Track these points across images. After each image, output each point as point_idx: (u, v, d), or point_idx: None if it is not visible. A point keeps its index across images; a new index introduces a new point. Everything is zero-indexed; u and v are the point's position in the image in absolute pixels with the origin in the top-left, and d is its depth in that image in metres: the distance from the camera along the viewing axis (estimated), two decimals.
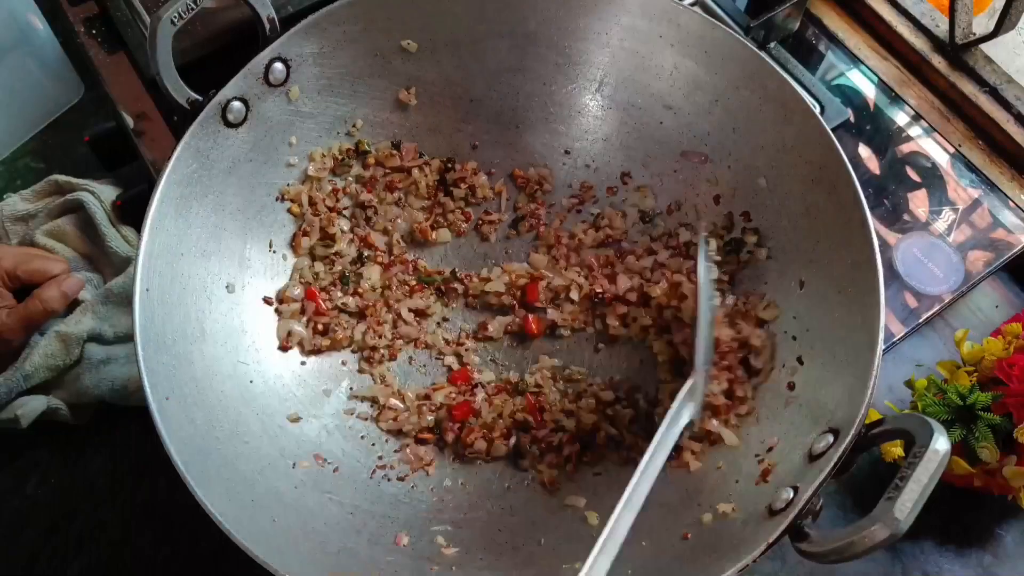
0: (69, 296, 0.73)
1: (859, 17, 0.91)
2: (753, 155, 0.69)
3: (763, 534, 0.51)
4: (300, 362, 0.69)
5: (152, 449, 0.53)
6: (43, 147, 0.92)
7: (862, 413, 0.52)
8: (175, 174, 0.62)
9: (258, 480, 0.59)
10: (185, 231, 0.63)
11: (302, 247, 0.71)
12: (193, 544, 0.71)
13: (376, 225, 0.74)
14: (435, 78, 0.74)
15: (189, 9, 0.60)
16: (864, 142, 0.84)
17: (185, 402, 0.58)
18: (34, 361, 0.71)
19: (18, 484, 0.75)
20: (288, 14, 0.77)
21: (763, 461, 0.58)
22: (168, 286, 0.61)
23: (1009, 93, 0.83)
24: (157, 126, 0.78)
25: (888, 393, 0.76)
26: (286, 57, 0.67)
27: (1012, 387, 0.65)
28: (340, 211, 0.74)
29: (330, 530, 0.59)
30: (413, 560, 0.59)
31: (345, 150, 0.74)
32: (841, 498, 0.73)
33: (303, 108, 0.70)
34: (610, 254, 0.74)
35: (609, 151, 0.76)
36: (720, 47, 0.68)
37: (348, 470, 0.65)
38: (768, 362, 0.65)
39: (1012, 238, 0.79)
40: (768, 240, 0.69)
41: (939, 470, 0.46)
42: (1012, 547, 0.71)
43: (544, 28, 0.72)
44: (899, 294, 0.77)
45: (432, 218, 0.76)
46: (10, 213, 0.81)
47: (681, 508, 0.61)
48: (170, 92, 0.63)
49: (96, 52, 0.81)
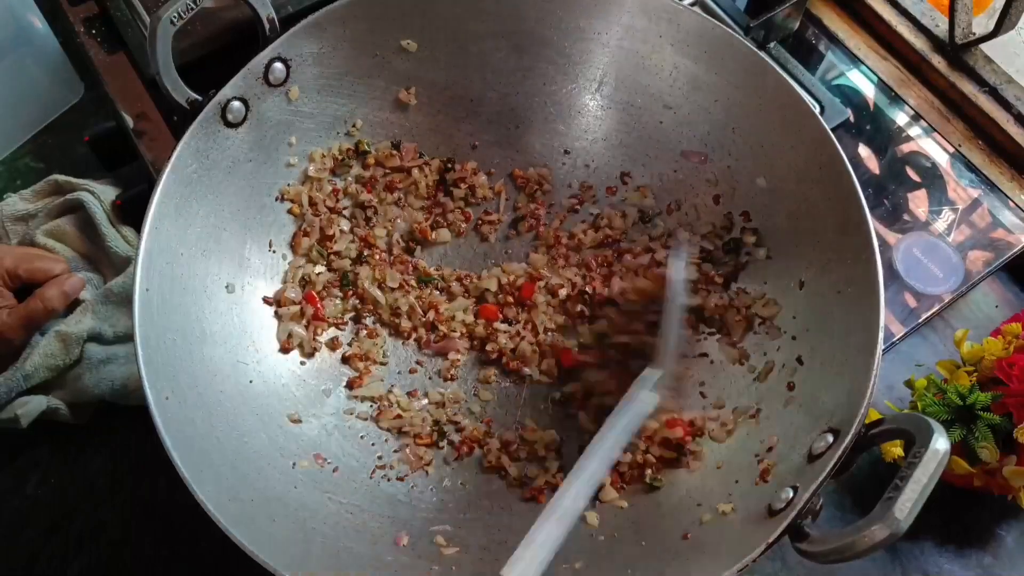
0: (70, 296, 0.73)
1: (859, 17, 0.91)
2: (753, 155, 0.69)
3: (763, 534, 0.51)
4: (300, 362, 0.69)
5: (152, 449, 0.52)
6: (43, 147, 0.92)
7: (862, 413, 0.52)
8: (175, 174, 0.62)
9: (258, 480, 0.59)
10: (185, 231, 0.63)
11: (302, 247, 0.71)
12: (193, 544, 0.71)
13: (376, 225, 0.74)
14: (435, 78, 0.74)
15: (189, 9, 0.60)
16: (864, 142, 0.84)
17: (185, 402, 0.58)
18: (34, 361, 0.71)
19: (18, 484, 0.75)
20: (288, 14, 0.77)
21: (763, 461, 0.58)
22: (168, 286, 0.61)
23: (1009, 93, 0.83)
24: (157, 126, 0.78)
25: (888, 393, 0.76)
26: (286, 57, 0.67)
27: (1012, 387, 0.65)
28: (340, 211, 0.74)
29: (330, 530, 0.59)
30: (413, 560, 0.59)
31: (345, 150, 0.74)
32: (841, 498, 0.73)
33: (303, 108, 0.70)
34: (608, 254, 0.74)
35: (609, 151, 0.76)
36: (720, 47, 0.68)
37: (348, 470, 0.65)
38: (742, 334, 0.66)
39: (1012, 238, 0.79)
40: (768, 240, 0.69)
41: (939, 470, 0.46)
42: (1012, 547, 0.71)
43: (544, 28, 0.73)
44: (899, 294, 0.77)
45: (432, 218, 0.76)
46: (10, 213, 0.81)
47: (681, 508, 0.61)
48: (170, 92, 0.63)
49: (96, 52, 0.81)
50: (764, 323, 0.67)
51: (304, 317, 0.70)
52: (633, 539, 0.60)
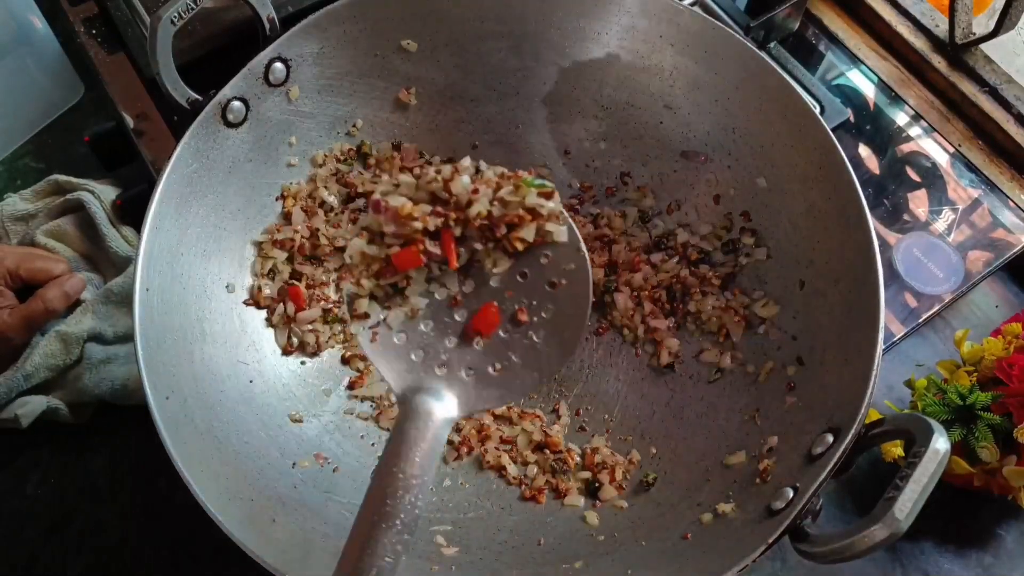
0: (71, 296, 0.73)
1: (859, 17, 0.91)
2: (753, 155, 0.69)
3: (763, 534, 0.51)
4: (300, 362, 0.69)
5: (152, 449, 0.52)
6: (43, 147, 0.92)
7: (862, 413, 0.52)
8: (175, 174, 0.62)
9: (258, 480, 0.59)
10: (185, 231, 0.63)
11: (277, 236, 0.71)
12: (193, 544, 0.71)
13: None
14: (435, 78, 0.74)
15: (189, 9, 0.60)
16: (864, 142, 0.84)
17: (185, 402, 0.58)
18: (34, 361, 0.71)
19: (18, 484, 0.75)
20: (288, 14, 0.77)
21: (763, 461, 0.58)
22: (168, 286, 0.61)
23: (1009, 93, 0.83)
24: (157, 126, 0.78)
25: (888, 393, 0.76)
26: (286, 57, 0.67)
27: (1012, 387, 0.65)
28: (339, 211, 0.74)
29: (330, 530, 0.59)
30: (413, 560, 0.59)
31: (347, 151, 0.74)
32: (841, 498, 0.73)
33: (303, 108, 0.70)
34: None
35: (609, 151, 0.76)
36: (720, 47, 0.68)
37: (348, 469, 0.65)
38: (741, 335, 0.67)
39: (1012, 238, 0.79)
40: (768, 240, 0.69)
41: (939, 470, 0.46)
42: (1012, 547, 0.71)
43: (544, 28, 0.72)
44: (899, 294, 0.77)
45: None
46: (10, 213, 0.81)
47: (681, 508, 0.61)
48: (170, 92, 0.63)
49: (96, 52, 0.81)
50: (764, 323, 0.67)
51: (294, 321, 0.69)
52: (633, 539, 0.60)
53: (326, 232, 0.71)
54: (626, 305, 0.71)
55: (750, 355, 0.67)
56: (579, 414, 0.70)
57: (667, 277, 0.72)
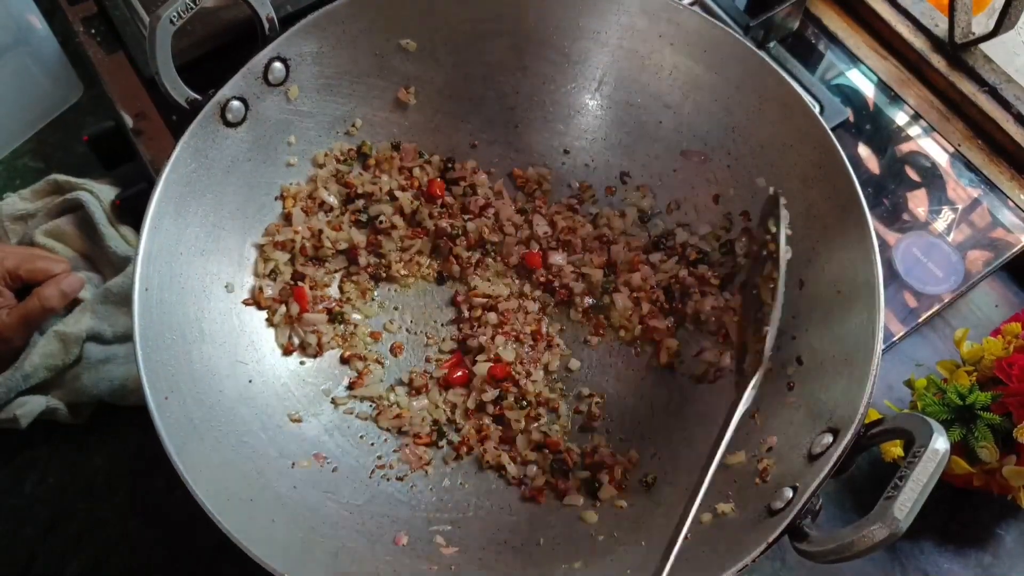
0: (68, 295, 0.73)
1: (859, 17, 0.91)
2: (753, 155, 0.69)
3: (763, 534, 0.51)
4: (299, 362, 0.69)
5: (151, 449, 0.52)
6: (42, 147, 0.92)
7: (861, 413, 0.52)
8: (174, 174, 0.62)
9: (257, 480, 0.59)
10: (184, 231, 0.63)
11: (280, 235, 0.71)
12: (192, 544, 0.71)
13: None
14: (435, 78, 0.74)
15: (188, 9, 0.60)
16: (864, 142, 0.84)
17: (184, 402, 0.58)
18: (33, 361, 0.71)
19: (17, 483, 0.75)
20: (287, 13, 0.77)
21: (762, 461, 0.58)
22: (167, 286, 0.61)
23: (1008, 93, 0.83)
24: (156, 126, 0.78)
25: (888, 393, 0.76)
26: (285, 56, 0.67)
27: (1012, 387, 0.65)
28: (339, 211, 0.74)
29: (329, 530, 0.59)
30: (413, 560, 0.59)
31: (347, 151, 0.74)
32: (841, 498, 0.73)
33: (302, 107, 0.70)
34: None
35: (608, 151, 0.76)
36: (719, 46, 0.68)
37: (347, 470, 0.65)
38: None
39: (1012, 238, 0.79)
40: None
41: (938, 470, 0.46)
42: (1012, 547, 0.71)
43: (543, 27, 0.72)
44: (899, 294, 0.77)
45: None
46: (9, 213, 0.81)
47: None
48: (169, 92, 0.63)
49: (95, 52, 0.81)
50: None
51: (297, 322, 0.69)
52: (633, 539, 0.60)
53: (329, 234, 0.71)
54: (625, 305, 0.71)
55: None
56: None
57: (666, 277, 0.72)
